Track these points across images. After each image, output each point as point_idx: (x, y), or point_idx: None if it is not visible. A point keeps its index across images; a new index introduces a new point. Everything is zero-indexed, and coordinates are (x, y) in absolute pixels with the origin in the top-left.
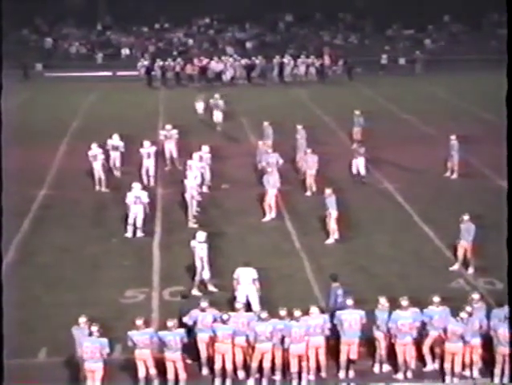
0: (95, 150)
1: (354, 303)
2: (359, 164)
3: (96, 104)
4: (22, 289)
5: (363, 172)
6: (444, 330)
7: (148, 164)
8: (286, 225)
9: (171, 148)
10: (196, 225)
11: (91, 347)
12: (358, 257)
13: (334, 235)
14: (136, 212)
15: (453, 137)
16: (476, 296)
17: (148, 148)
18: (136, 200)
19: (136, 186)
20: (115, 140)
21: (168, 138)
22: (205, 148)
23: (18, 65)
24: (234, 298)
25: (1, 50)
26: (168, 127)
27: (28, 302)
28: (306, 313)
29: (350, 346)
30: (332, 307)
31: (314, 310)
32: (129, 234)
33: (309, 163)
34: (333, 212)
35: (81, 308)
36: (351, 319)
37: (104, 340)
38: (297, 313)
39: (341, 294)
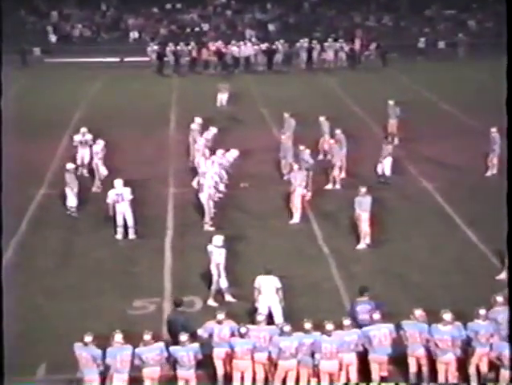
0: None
1: (387, 316)
2: (384, 164)
3: (101, 94)
4: (19, 298)
5: (388, 172)
6: (491, 347)
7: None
8: (312, 228)
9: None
10: (212, 228)
11: (85, 357)
12: (393, 265)
13: (365, 239)
14: (123, 212)
15: (493, 130)
16: (500, 298)
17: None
18: (118, 197)
19: (118, 183)
20: (85, 136)
21: (194, 131)
22: (234, 153)
23: (15, 50)
24: (255, 310)
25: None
26: (199, 120)
27: (26, 312)
28: (337, 326)
29: (380, 365)
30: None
31: (347, 322)
32: (119, 236)
33: (334, 154)
34: (364, 214)
35: (84, 319)
36: (381, 335)
37: (98, 351)
38: (329, 326)
39: (367, 310)
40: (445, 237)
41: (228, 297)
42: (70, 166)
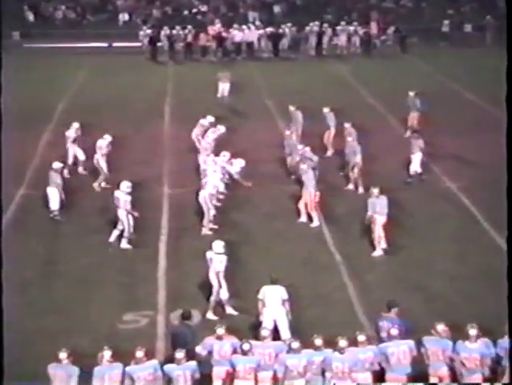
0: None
1: (405, 331)
2: (414, 160)
3: (87, 83)
4: None
5: (418, 169)
6: None
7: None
8: (322, 232)
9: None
10: (211, 232)
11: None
12: (412, 273)
13: (381, 244)
14: (119, 217)
15: None
16: None
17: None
18: (116, 201)
19: (122, 185)
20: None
21: (201, 127)
22: (241, 163)
23: None
24: (259, 324)
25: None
26: (211, 118)
27: (5, 327)
28: (351, 342)
29: None
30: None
31: (362, 338)
32: (111, 238)
33: (349, 153)
34: (379, 218)
35: (69, 335)
36: (399, 352)
37: (75, 369)
38: (342, 342)
39: (389, 326)
40: (471, 242)
41: (229, 310)
42: (57, 165)
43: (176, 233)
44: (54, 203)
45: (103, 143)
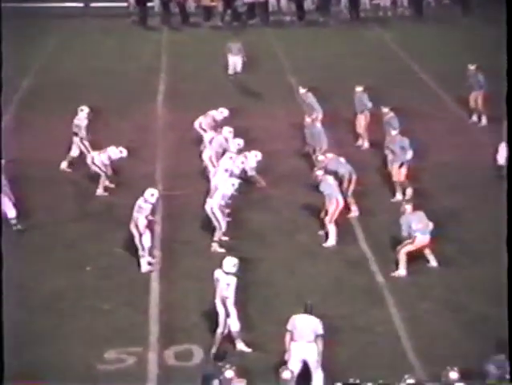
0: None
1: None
2: (499, 151)
3: (58, 54)
4: None
5: (502, 161)
6: None
7: None
8: (359, 248)
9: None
10: (223, 250)
11: None
12: (477, 301)
13: (432, 261)
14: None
15: None
16: None
17: None
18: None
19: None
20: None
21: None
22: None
23: None
24: (281, 363)
25: None
26: (226, 112)
27: None
28: None
29: None
30: None
31: (410, 380)
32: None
33: (396, 150)
34: (421, 237)
35: (36, 378)
36: None
37: None
38: None
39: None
40: None
41: (240, 346)
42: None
43: (172, 248)
44: (10, 210)
45: (82, 118)
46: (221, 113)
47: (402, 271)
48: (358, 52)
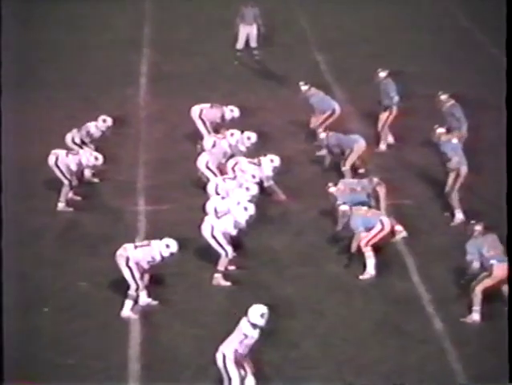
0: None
1: None
2: None
3: (13, 21)
4: None
5: None
6: None
7: None
8: (409, 281)
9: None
10: (229, 283)
11: None
12: None
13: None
14: None
15: None
16: None
17: None
18: None
19: None
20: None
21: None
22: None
23: None
24: None
25: None
26: (237, 111)
27: None
28: None
29: None
30: None
31: None
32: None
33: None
34: (498, 265)
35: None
36: None
37: None
38: None
39: None
40: None
41: None
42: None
43: (157, 278)
44: None
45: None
46: (232, 112)
47: (476, 316)
48: (409, 24)
